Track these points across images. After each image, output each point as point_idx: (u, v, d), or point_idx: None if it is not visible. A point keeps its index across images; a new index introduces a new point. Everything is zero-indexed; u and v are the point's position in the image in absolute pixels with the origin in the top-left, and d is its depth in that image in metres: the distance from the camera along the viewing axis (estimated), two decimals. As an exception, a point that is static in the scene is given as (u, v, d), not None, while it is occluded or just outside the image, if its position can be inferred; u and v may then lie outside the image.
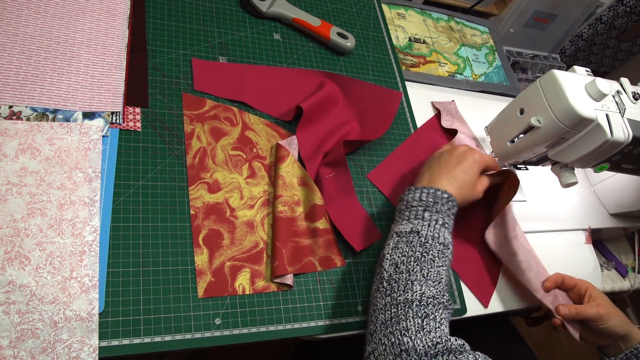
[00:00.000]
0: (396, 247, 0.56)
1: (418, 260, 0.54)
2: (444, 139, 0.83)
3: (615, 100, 0.63)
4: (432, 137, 0.82)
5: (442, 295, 0.52)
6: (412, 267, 0.53)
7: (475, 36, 1.08)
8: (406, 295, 0.51)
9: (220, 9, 0.77)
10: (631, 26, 1.36)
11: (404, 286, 0.52)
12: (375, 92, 0.80)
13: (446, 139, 0.83)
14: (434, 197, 0.60)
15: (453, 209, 0.61)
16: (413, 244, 0.55)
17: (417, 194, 0.61)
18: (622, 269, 0.93)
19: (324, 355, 0.83)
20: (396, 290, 0.52)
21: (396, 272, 0.53)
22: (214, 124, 0.66)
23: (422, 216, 0.58)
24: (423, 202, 0.59)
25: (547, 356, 1.73)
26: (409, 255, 0.54)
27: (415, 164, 0.77)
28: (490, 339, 0.82)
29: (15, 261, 0.49)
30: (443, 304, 0.51)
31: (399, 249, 0.56)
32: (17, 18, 0.61)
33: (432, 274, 0.53)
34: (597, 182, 0.92)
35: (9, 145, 0.54)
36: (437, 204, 0.59)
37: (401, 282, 0.52)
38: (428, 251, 0.55)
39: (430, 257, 0.54)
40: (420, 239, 0.56)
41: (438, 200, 0.60)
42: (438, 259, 0.55)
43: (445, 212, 0.59)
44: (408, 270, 0.53)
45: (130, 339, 0.50)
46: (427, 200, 0.59)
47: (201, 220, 0.59)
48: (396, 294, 0.51)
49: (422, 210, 0.59)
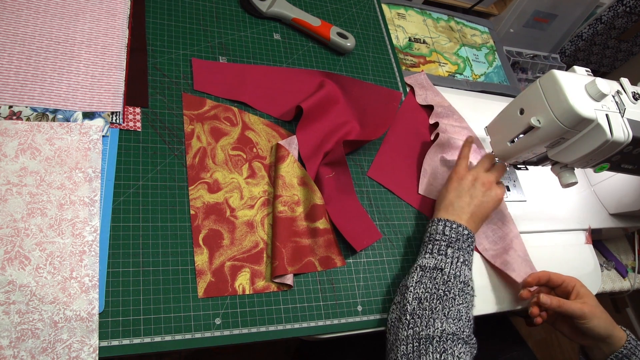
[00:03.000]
0: (420, 281, 0.59)
1: (440, 298, 0.57)
2: (424, 114, 0.84)
3: (615, 100, 0.63)
4: (414, 116, 0.83)
5: (462, 331, 0.55)
6: (435, 305, 0.56)
7: (475, 36, 1.08)
8: (428, 331, 0.54)
9: (220, 9, 0.77)
10: (631, 26, 1.36)
11: (426, 322, 0.55)
12: (375, 92, 0.80)
13: (426, 113, 0.84)
14: (456, 234, 0.63)
15: (472, 245, 0.64)
16: (436, 281, 0.59)
17: (440, 227, 0.64)
18: (622, 269, 0.93)
19: (324, 355, 0.83)
20: (419, 325, 0.55)
21: (419, 307, 0.57)
22: (214, 124, 0.66)
23: (445, 252, 0.61)
24: (446, 236, 0.63)
25: (547, 356, 1.73)
26: (432, 292, 0.58)
27: (407, 149, 0.79)
28: (490, 339, 0.82)
29: (15, 261, 0.49)
30: (463, 339, 0.54)
31: (422, 284, 0.59)
32: (17, 18, 0.61)
33: (452, 312, 0.56)
34: (597, 182, 0.92)
35: (9, 145, 0.54)
36: (459, 240, 0.63)
37: (424, 318, 0.55)
38: (450, 289, 0.58)
39: (452, 295, 0.57)
40: (443, 276, 0.59)
41: (460, 237, 0.63)
42: (459, 297, 0.58)
43: (466, 249, 0.63)
44: (431, 307, 0.56)
45: (130, 339, 0.50)
46: (450, 236, 0.63)
47: (201, 220, 0.59)
48: (418, 329, 0.55)
49: (445, 246, 0.62)
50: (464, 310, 0.57)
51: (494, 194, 0.68)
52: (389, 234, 0.70)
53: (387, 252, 0.68)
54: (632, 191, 0.86)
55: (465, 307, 0.58)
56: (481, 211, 0.67)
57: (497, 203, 0.68)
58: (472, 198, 0.67)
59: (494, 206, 0.68)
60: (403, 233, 0.70)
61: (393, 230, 0.70)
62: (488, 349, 0.53)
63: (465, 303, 0.58)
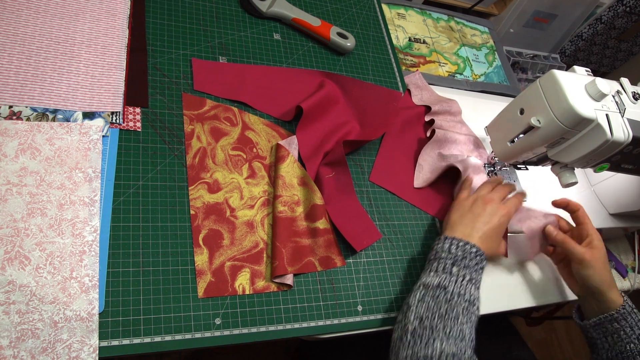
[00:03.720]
0: (422, 300, 0.57)
1: (442, 317, 0.55)
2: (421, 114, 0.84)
3: (615, 100, 0.63)
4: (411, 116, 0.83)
5: (464, 352, 0.54)
6: (436, 325, 0.55)
7: (475, 36, 1.08)
8: (426, 351, 0.53)
9: (220, 9, 0.77)
10: (631, 26, 1.36)
11: (425, 342, 0.53)
12: (375, 92, 0.80)
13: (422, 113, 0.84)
14: (462, 251, 0.61)
15: (481, 264, 0.62)
16: (439, 299, 0.57)
17: (447, 245, 0.62)
18: (622, 269, 0.93)
19: (324, 355, 0.83)
20: (418, 344, 0.54)
21: (420, 326, 0.55)
22: (214, 124, 0.66)
23: (449, 270, 0.59)
24: (452, 254, 0.61)
25: (547, 356, 1.73)
26: (434, 311, 0.56)
27: (406, 150, 0.79)
28: (490, 339, 0.82)
29: (15, 261, 0.49)
30: None
31: (425, 303, 0.57)
32: (17, 18, 0.61)
33: (454, 332, 0.54)
34: (597, 182, 0.92)
35: (9, 145, 0.54)
36: (466, 258, 0.60)
37: (424, 337, 0.54)
38: (453, 308, 0.56)
39: (455, 314, 0.56)
40: (446, 295, 0.57)
41: (467, 255, 0.61)
42: (462, 315, 0.56)
43: (473, 267, 0.60)
44: (431, 326, 0.55)
45: (130, 339, 0.50)
46: (456, 254, 0.61)
47: (201, 220, 0.59)
48: (417, 348, 0.53)
49: (450, 264, 0.60)
50: (468, 330, 0.55)
51: (499, 211, 0.66)
52: (389, 234, 0.70)
53: (387, 252, 0.68)
54: (632, 191, 0.86)
55: (469, 326, 0.56)
56: (489, 228, 0.65)
57: (506, 217, 0.67)
58: (476, 216, 0.65)
59: (501, 221, 0.66)
60: (403, 233, 0.70)
61: (393, 230, 0.70)
62: (488, 349, 0.53)
63: (469, 323, 0.56)
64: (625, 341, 0.65)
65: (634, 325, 0.65)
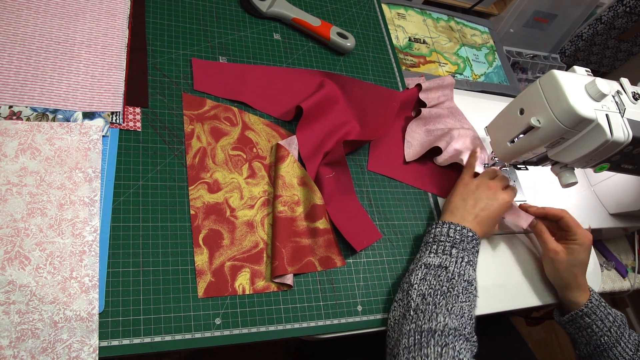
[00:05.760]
0: (424, 278, 0.60)
1: (444, 294, 0.58)
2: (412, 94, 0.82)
3: (615, 100, 0.63)
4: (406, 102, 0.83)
5: (464, 328, 0.56)
6: (438, 301, 0.57)
7: (475, 36, 1.08)
8: (430, 324, 0.54)
9: (220, 9, 0.77)
10: (631, 26, 1.36)
11: (429, 316, 0.55)
12: (376, 92, 0.80)
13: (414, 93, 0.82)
14: (460, 235, 0.64)
15: (477, 247, 0.65)
16: (440, 278, 0.59)
17: (445, 229, 0.65)
18: (622, 269, 0.93)
19: (324, 355, 0.83)
20: (422, 319, 0.55)
21: (423, 302, 0.57)
22: (214, 124, 0.66)
23: (449, 252, 0.62)
24: (450, 237, 0.64)
25: (547, 356, 1.73)
26: (436, 288, 0.58)
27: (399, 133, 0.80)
28: (490, 339, 0.82)
29: (15, 261, 0.49)
30: (464, 335, 0.55)
31: (427, 281, 0.59)
32: (17, 18, 0.61)
33: (455, 309, 0.57)
34: (597, 182, 0.92)
35: (9, 145, 0.54)
36: (464, 242, 0.63)
37: (427, 312, 0.56)
38: (454, 287, 0.59)
39: (456, 292, 0.58)
40: (447, 274, 0.60)
41: (464, 238, 0.64)
42: (462, 294, 0.58)
43: (470, 250, 0.64)
44: (434, 302, 0.57)
45: (130, 339, 0.50)
46: (455, 237, 0.64)
47: (201, 220, 0.59)
48: (421, 322, 0.55)
49: (449, 247, 0.63)
50: (467, 308, 0.58)
51: (500, 197, 0.69)
52: (389, 234, 0.70)
53: (387, 252, 0.68)
54: (632, 191, 0.86)
55: (468, 305, 0.58)
56: (487, 214, 0.67)
57: (504, 206, 0.69)
58: (477, 201, 0.68)
59: (499, 209, 0.69)
60: (403, 233, 0.71)
61: (393, 230, 0.70)
62: (488, 349, 0.53)
63: (468, 301, 0.59)
64: (598, 334, 0.68)
65: (604, 317, 0.68)
